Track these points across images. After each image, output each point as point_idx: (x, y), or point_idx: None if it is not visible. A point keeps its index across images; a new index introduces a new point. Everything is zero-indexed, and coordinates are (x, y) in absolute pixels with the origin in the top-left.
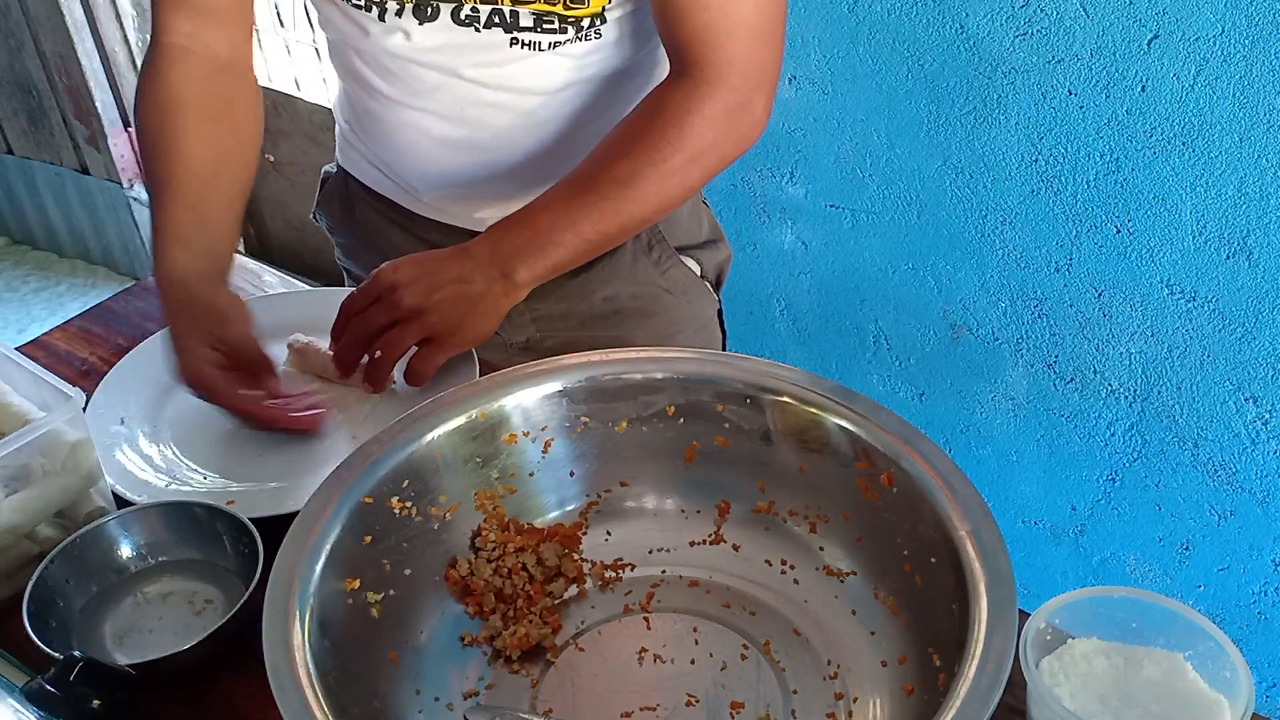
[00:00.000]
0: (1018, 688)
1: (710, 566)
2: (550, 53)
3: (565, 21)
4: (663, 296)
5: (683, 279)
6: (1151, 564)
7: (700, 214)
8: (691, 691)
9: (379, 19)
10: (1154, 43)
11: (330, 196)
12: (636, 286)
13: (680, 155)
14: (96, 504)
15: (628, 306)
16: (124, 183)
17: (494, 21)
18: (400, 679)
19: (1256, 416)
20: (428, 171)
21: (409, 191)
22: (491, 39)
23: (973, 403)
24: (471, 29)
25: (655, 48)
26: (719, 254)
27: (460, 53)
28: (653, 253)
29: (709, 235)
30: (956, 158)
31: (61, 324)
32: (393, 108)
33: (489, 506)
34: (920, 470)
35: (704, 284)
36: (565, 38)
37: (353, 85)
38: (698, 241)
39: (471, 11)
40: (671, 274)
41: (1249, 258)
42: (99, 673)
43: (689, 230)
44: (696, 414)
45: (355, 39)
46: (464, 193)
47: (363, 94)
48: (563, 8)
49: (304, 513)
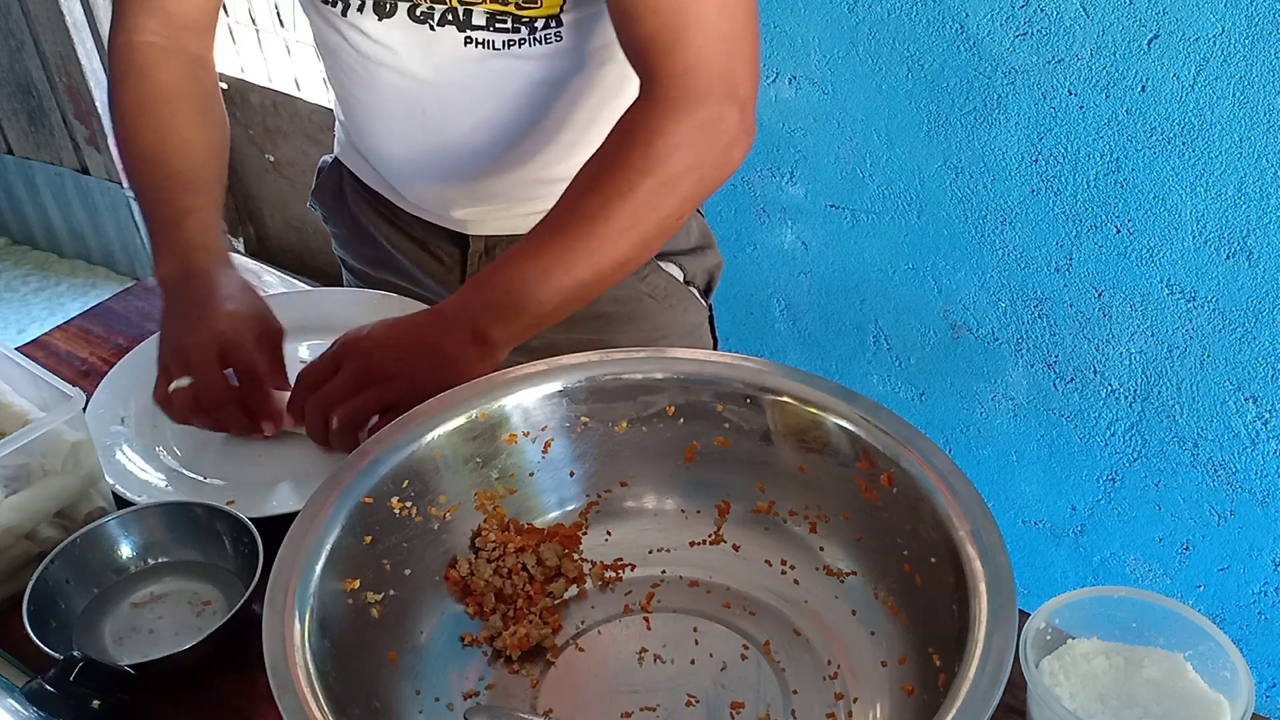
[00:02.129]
0: (1018, 688)
1: (710, 567)
2: (506, 54)
3: (519, 22)
4: (645, 301)
5: (664, 284)
6: (1151, 564)
7: (690, 219)
8: (691, 692)
9: (341, 14)
10: (1154, 43)
11: (325, 186)
12: (617, 290)
13: (650, 180)
14: (97, 504)
15: (611, 311)
16: (124, 183)
17: (447, 19)
18: (400, 679)
19: (1256, 416)
20: (401, 171)
21: (392, 188)
22: (445, 37)
23: (973, 403)
24: (426, 27)
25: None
26: (708, 261)
27: (417, 52)
28: None
29: (698, 242)
30: (956, 157)
31: (61, 324)
32: (362, 108)
33: (489, 507)
34: (920, 470)
35: (688, 290)
36: (518, 37)
37: (334, 83)
38: (684, 248)
39: (426, 9)
40: (651, 280)
41: (1249, 257)
42: (99, 673)
43: (675, 236)
44: (696, 414)
45: (327, 35)
46: (439, 193)
47: (341, 92)
48: (515, 7)
49: (304, 513)
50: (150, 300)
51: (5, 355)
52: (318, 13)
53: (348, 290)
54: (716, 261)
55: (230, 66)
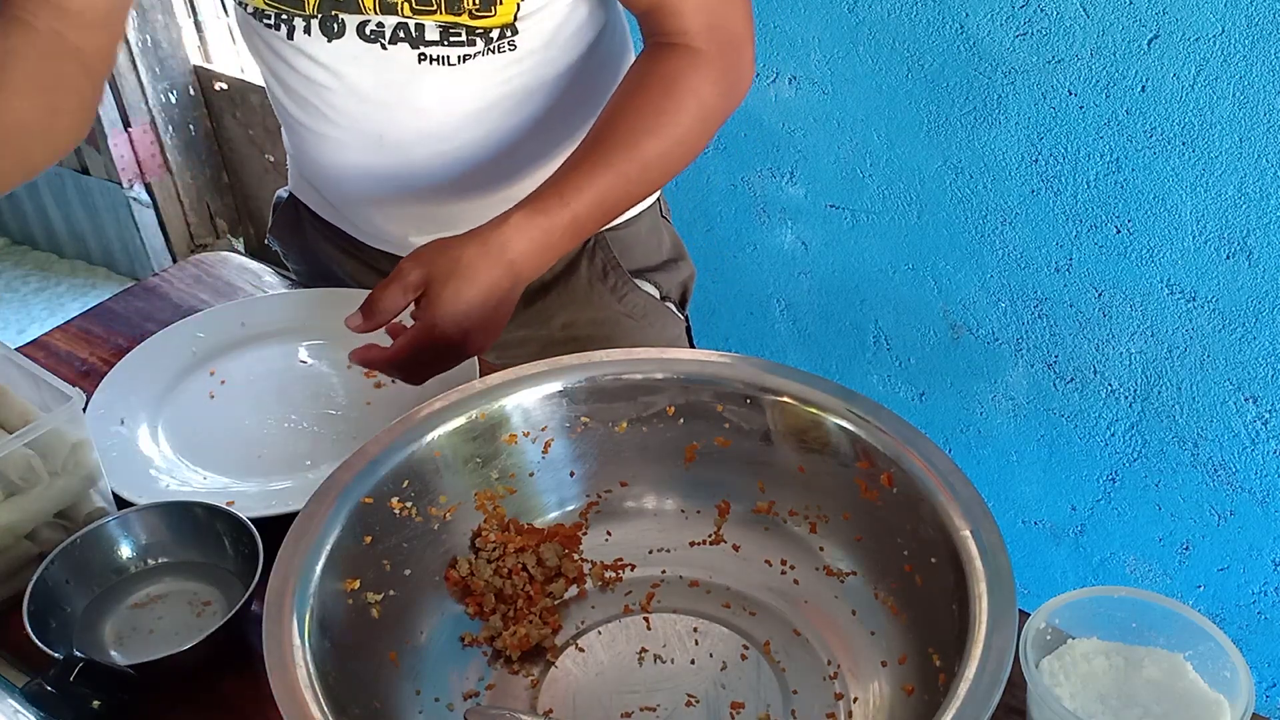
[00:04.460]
0: (1018, 687)
1: (710, 567)
2: (460, 68)
3: (473, 34)
4: (622, 322)
5: (641, 304)
6: (1151, 564)
7: (661, 232)
8: (691, 692)
9: (287, 37)
10: (1154, 43)
11: (282, 222)
12: (594, 313)
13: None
14: (97, 504)
15: (586, 334)
16: (124, 183)
17: (399, 36)
18: (400, 679)
19: (1256, 416)
20: (358, 201)
21: (350, 221)
22: (398, 56)
23: (972, 403)
24: (378, 45)
25: (584, 58)
26: (681, 273)
27: (368, 72)
28: (608, 279)
29: (670, 254)
30: (956, 158)
31: (61, 324)
32: (313, 138)
33: (489, 507)
34: (920, 470)
35: (665, 306)
36: (474, 50)
37: (280, 113)
38: (657, 262)
39: (376, 26)
40: (629, 300)
41: (1249, 257)
42: (99, 673)
43: (647, 251)
44: (696, 414)
45: (272, 63)
46: (401, 220)
47: (291, 122)
48: (469, 18)
49: (304, 513)
50: (150, 301)
51: (5, 356)
52: (260, 39)
53: (347, 290)
54: (689, 273)
55: (230, 67)
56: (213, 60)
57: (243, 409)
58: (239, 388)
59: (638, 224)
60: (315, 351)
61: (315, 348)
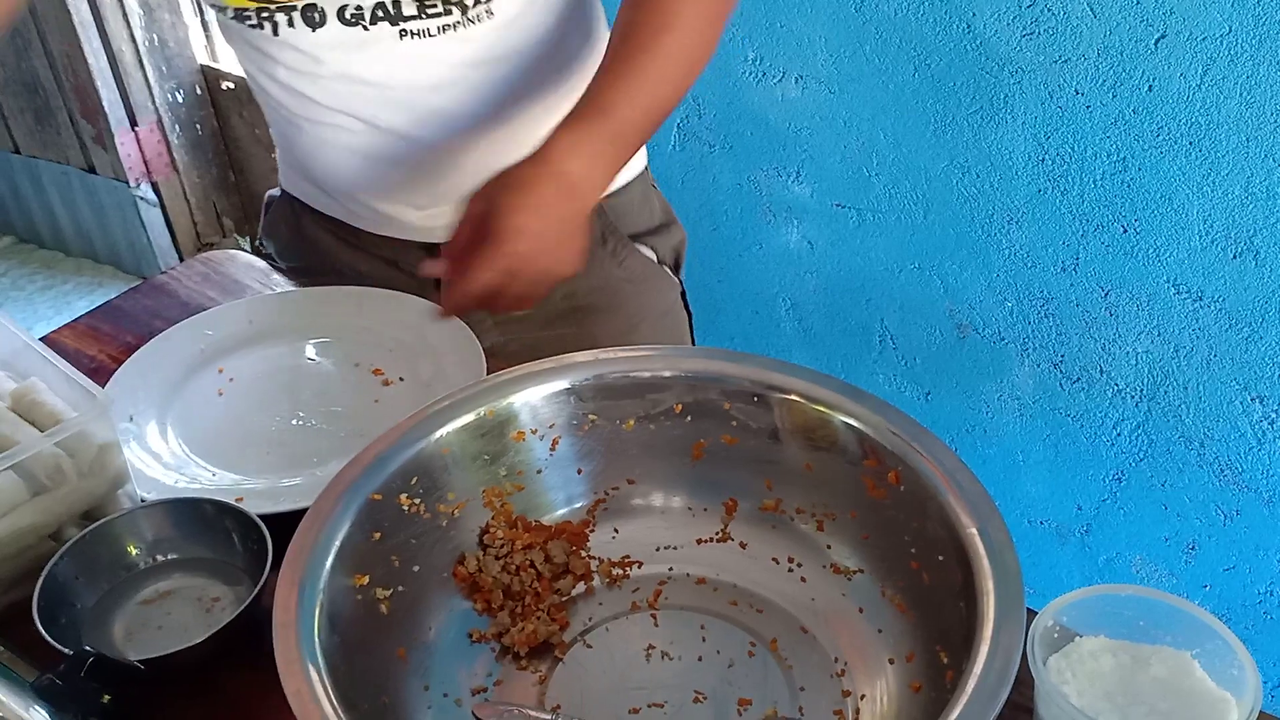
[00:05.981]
0: (1025, 685)
1: (717, 564)
2: (441, 39)
3: (449, 3)
4: (623, 288)
5: (641, 268)
6: (1158, 564)
7: (651, 198)
8: (699, 688)
9: (273, 34)
10: (1161, 42)
11: (276, 221)
12: (595, 280)
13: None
14: (124, 506)
15: (588, 303)
16: (131, 182)
17: (379, 15)
18: (409, 675)
19: (1263, 416)
20: (354, 186)
21: (349, 210)
22: (380, 35)
23: (979, 402)
24: (359, 28)
25: (565, 20)
26: (673, 237)
27: (355, 55)
28: (608, 244)
29: (662, 219)
30: (963, 157)
31: (69, 322)
32: (306, 126)
33: (497, 504)
34: (927, 468)
35: (663, 269)
36: (452, 20)
37: (270, 110)
38: (651, 227)
39: (356, 9)
40: (629, 264)
41: (1256, 257)
42: (109, 668)
43: (641, 216)
44: (704, 412)
45: (258, 61)
46: (399, 201)
47: (279, 118)
48: None
49: (313, 509)
50: (159, 298)
51: (38, 352)
52: (245, 42)
53: (353, 289)
54: (681, 237)
55: (237, 66)
56: (219, 59)
57: (251, 406)
58: (247, 385)
59: (629, 191)
60: (323, 349)
61: (323, 345)
